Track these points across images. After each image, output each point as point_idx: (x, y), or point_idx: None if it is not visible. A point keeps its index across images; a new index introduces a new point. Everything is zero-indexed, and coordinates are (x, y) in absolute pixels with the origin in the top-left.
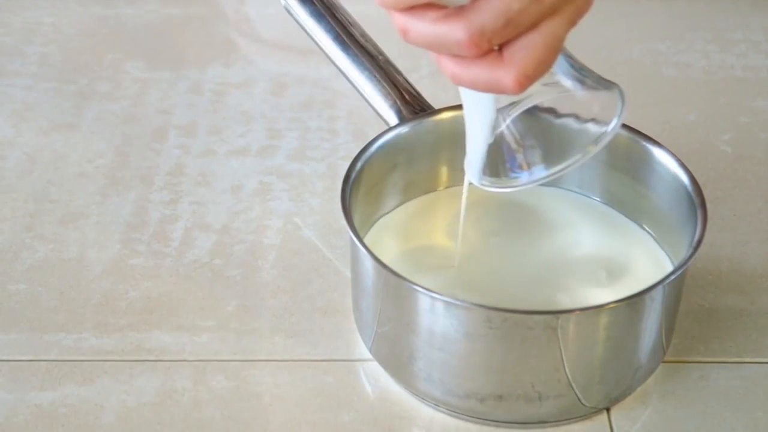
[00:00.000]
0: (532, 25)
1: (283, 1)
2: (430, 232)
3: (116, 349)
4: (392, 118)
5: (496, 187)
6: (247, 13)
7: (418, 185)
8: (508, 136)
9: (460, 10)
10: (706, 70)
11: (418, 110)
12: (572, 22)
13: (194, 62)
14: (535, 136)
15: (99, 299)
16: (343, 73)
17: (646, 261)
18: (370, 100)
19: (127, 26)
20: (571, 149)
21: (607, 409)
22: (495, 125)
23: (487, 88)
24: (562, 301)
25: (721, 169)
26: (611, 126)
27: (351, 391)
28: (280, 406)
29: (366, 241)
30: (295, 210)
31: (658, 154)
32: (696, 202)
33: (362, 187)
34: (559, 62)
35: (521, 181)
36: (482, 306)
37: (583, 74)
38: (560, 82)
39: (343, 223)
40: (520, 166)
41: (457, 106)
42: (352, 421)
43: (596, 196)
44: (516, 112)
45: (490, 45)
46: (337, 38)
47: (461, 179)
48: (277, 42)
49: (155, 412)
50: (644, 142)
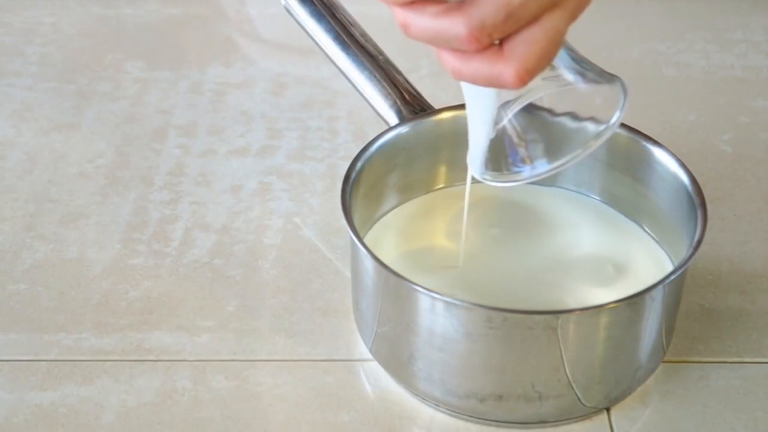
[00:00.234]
0: (533, 19)
1: (283, 1)
2: (430, 232)
3: (116, 349)
4: (392, 118)
5: (498, 181)
6: (248, 13)
7: (418, 185)
8: (510, 131)
9: (460, 5)
10: (706, 70)
11: (418, 110)
12: (573, 16)
13: (194, 62)
14: (537, 130)
15: (99, 299)
16: (343, 73)
17: (646, 261)
18: (370, 100)
19: (127, 26)
20: (573, 143)
21: (607, 409)
22: (497, 120)
23: (488, 82)
24: (562, 301)
25: (721, 169)
26: (613, 119)
27: (351, 391)
28: (280, 406)
29: (366, 240)
30: (295, 210)
31: (658, 153)
32: (696, 202)
33: (362, 187)
34: (561, 56)
35: (523, 176)
36: (482, 306)
37: (585, 67)
38: (562, 75)
39: (343, 222)
40: (523, 161)
41: (457, 106)
42: (352, 421)
43: (596, 196)
44: (518, 107)
45: (491, 39)
46: (337, 38)
47: (461, 179)
48: (277, 42)
49: (155, 412)
50: (644, 142)
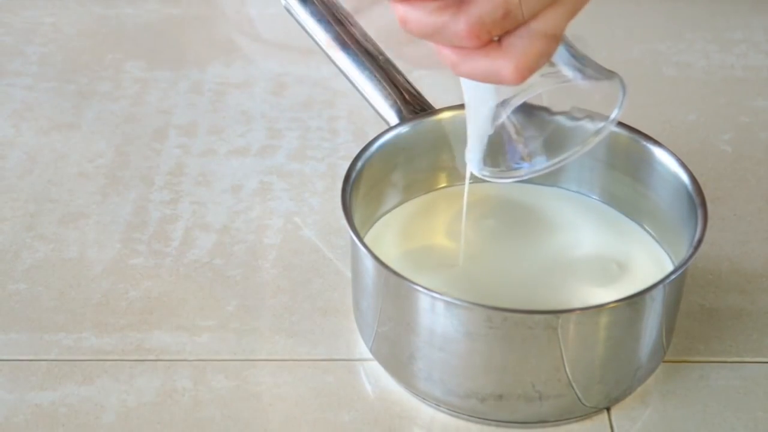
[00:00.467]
0: (532, 16)
1: (284, 1)
2: (431, 232)
3: (116, 349)
4: (392, 118)
5: (496, 177)
6: (248, 13)
7: (418, 185)
8: (508, 127)
9: (459, 1)
10: (706, 70)
11: (418, 110)
12: (572, 13)
13: (194, 62)
14: (535, 127)
15: (99, 299)
16: (343, 73)
17: (647, 261)
18: (370, 100)
19: (127, 26)
20: (572, 140)
21: (608, 409)
22: (495, 116)
23: (487, 78)
24: (563, 301)
25: (721, 169)
26: (612, 116)
27: (351, 391)
28: (280, 406)
29: (366, 240)
30: (296, 210)
31: (659, 153)
32: (696, 201)
33: (362, 186)
34: (560, 52)
35: (522, 172)
36: (482, 305)
37: (584, 64)
38: (560, 72)
39: (344, 222)
40: (521, 157)
41: (457, 106)
42: (352, 420)
43: (596, 196)
44: (516, 103)
45: (490, 36)
46: (337, 38)
47: (461, 179)
48: (277, 42)
49: (155, 412)
50: (644, 142)
